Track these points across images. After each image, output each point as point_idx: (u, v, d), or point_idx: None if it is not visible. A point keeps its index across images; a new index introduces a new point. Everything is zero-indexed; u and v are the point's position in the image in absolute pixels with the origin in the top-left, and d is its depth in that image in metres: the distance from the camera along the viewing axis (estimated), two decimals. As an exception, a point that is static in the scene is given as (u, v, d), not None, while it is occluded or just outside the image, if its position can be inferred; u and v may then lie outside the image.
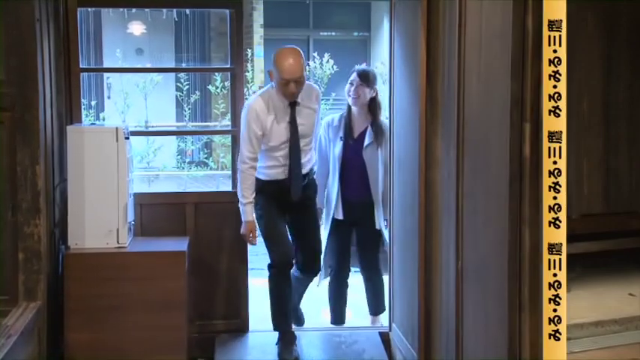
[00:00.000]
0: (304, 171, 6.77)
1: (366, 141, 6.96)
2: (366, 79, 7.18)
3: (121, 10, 12.46)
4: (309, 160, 6.88)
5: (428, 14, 5.95)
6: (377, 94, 7.38)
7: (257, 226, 6.75)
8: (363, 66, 9.42)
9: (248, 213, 6.50)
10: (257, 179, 6.73)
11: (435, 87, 5.94)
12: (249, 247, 7.78)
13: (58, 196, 6.50)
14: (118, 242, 6.44)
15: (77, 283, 6.31)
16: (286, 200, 6.77)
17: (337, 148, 6.96)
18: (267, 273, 7.18)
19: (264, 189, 6.73)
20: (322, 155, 7.51)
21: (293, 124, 6.58)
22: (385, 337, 7.57)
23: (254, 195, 6.59)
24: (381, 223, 7.41)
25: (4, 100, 5.69)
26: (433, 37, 5.90)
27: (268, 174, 6.74)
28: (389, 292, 7.94)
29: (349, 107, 7.49)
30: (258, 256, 9.25)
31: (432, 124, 6.01)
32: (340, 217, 7.52)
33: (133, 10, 14.45)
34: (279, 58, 6.46)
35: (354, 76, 7.69)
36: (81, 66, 7.09)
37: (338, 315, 8.14)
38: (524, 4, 4.16)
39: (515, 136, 4.22)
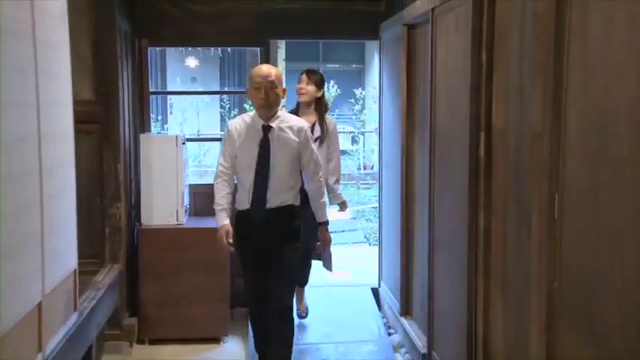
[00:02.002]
0: (273, 204, 4.94)
1: (314, 134, 5.78)
2: (313, 79, 6.07)
3: (180, 48, 12.35)
4: (284, 198, 4.99)
5: (407, 50, 5.98)
6: (323, 95, 6.33)
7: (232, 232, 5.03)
8: (313, 68, 7.45)
9: (221, 218, 5.02)
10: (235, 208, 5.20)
11: (413, 105, 6.01)
12: None
13: (133, 187, 6.60)
14: (177, 220, 6.50)
15: (147, 251, 6.41)
16: (261, 233, 4.99)
17: None
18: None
19: (238, 223, 5.11)
20: None
21: (263, 147, 4.87)
22: (375, 292, 7.56)
23: (228, 203, 5.08)
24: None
25: (94, 116, 5.75)
26: (411, 67, 5.94)
27: (238, 201, 5.11)
28: (378, 258, 7.63)
29: (297, 104, 6.40)
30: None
31: (410, 134, 6.07)
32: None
33: (189, 48, 14.45)
34: (253, 70, 5.01)
35: (302, 74, 6.49)
36: (150, 90, 7.12)
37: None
38: (479, 43, 4.19)
39: (473, 142, 4.26)
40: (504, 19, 4.01)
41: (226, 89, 20.21)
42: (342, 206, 6.72)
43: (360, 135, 19.86)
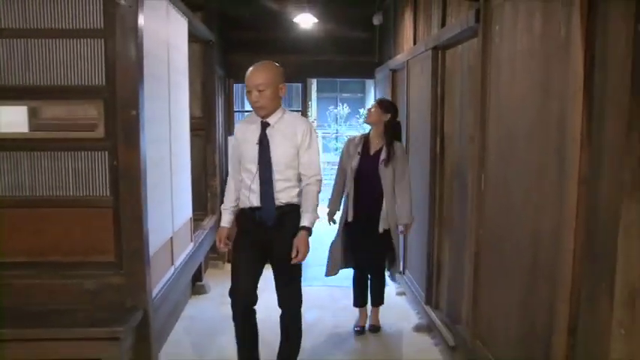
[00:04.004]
0: (282, 200, 3.26)
1: (382, 156, 4.23)
2: (381, 103, 4.39)
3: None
4: (287, 194, 3.28)
5: (392, 85, 5.99)
6: (393, 120, 4.33)
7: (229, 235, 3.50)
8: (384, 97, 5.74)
9: (223, 220, 3.48)
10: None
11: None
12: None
13: (224, 170, 6.55)
14: None
15: None
16: (261, 233, 3.30)
17: (354, 162, 4.26)
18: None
19: (240, 218, 3.43)
20: (341, 168, 4.42)
21: (262, 144, 3.23)
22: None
23: (233, 205, 3.46)
24: (383, 227, 4.18)
25: (201, 126, 5.75)
26: (394, 96, 5.87)
27: (241, 200, 3.39)
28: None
29: (370, 129, 4.45)
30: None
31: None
32: (350, 219, 4.28)
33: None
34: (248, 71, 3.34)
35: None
36: (235, 109, 7.19)
37: (359, 297, 4.50)
38: (435, 82, 4.25)
39: (432, 143, 4.32)
40: (450, 67, 4.07)
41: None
42: (405, 228, 4.32)
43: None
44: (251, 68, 3.24)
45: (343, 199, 4.41)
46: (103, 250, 3.17)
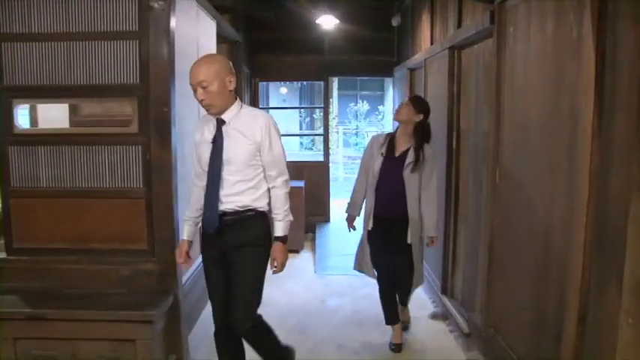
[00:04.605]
0: (226, 206, 2.69)
1: (408, 160, 3.60)
2: (415, 101, 3.72)
3: (277, 82, 12.53)
4: (249, 197, 2.71)
5: (410, 81, 5.98)
6: (424, 120, 3.67)
7: (189, 248, 2.87)
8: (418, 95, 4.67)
9: (182, 231, 2.91)
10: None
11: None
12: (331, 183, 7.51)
13: None
14: None
15: None
16: (218, 242, 2.74)
17: (377, 164, 3.65)
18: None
19: (202, 228, 2.83)
20: (363, 169, 3.77)
21: (215, 144, 2.69)
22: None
23: (195, 215, 2.85)
24: (410, 239, 3.62)
25: None
26: (412, 92, 5.83)
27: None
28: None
29: (397, 128, 3.81)
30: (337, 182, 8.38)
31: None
32: (370, 227, 3.71)
33: (282, 82, 14.55)
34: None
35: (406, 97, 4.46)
36: (260, 106, 7.22)
37: (389, 315, 3.82)
38: (452, 80, 4.23)
39: (449, 138, 4.30)
40: (466, 66, 4.05)
41: (303, 105, 20.20)
42: (430, 242, 3.71)
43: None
44: (193, 64, 2.69)
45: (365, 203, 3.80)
46: (137, 238, 3.23)
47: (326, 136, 7.56)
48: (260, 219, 2.77)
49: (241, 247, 2.72)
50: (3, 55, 3.15)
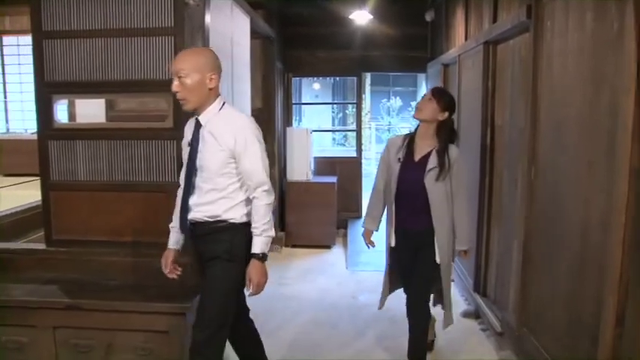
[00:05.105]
0: (194, 215, 2.53)
1: (429, 165, 3.05)
2: (439, 96, 3.11)
3: (310, 78, 12.52)
4: (221, 207, 2.48)
5: (444, 77, 5.92)
6: (450, 120, 3.13)
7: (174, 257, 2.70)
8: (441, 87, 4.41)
9: (168, 240, 2.70)
10: None
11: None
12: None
13: (283, 158, 6.64)
14: (307, 177, 6.50)
15: (291, 194, 6.45)
16: (197, 251, 2.66)
17: (394, 172, 3.13)
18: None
19: None
20: (380, 177, 3.29)
21: (192, 147, 2.52)
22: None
23: (178, 221, 2.63)
24: (439, 257, 3.10)
25: (262, 117, 5.78)
26: (446, 88, 5.82)
27: None
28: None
29: (417, 126, 3.21)
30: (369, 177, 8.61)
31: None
32: (392, 244, 3.26)
33: (315, 78, 14.56)
34: None
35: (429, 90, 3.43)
36: (293, 102, 7.23)
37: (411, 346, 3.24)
38: (486, 75, 4.17)
39: (483, 134, 4.24)
40: (501, 61, 3.99)
41: (335, 100, 20.16)
42: (463, 254, 3.23)
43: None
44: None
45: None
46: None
47: (359, 131, 7.54)
48: (232, 231, 2.51)
49: (212, 259, 2.52)
50: (44, 52, 3.22)
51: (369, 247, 3.41)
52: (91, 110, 3.31)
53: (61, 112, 3.41)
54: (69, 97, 3.43)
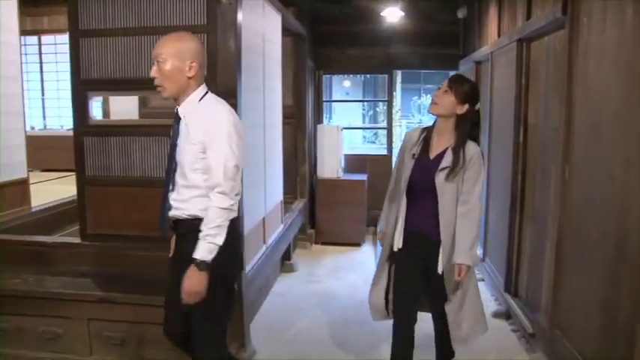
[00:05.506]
0: (175, 213, 2.31)
1: (443, 164, 2.65)
2: (456, 85, 2.67)
3: (340, 75, 12.50)
4: (195, 205, 2.25)
5: (475, 77, 5.84)
6: (471, 112, 2.66)
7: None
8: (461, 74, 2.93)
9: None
10: None
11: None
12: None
13: (313, 155, 6.62)
14: (337, 175, 6.45)
15: (321, 191, 6.42)
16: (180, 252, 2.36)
17: (407, 169, 2.76)
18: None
19: None
20: (397, 175, 2.91)
21: (172, 139, 2.34)
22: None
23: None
24: (441, 267, 2.67)
25: (292, 114, 5.85)
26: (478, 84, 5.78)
27: None
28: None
29: (435, 119, 2.78)
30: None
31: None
32: (398, 246, 2.80)
33: (345, 75, 14.51)
34: None
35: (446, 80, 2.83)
36: (324, 99, 7.21)
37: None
38: (520, 73, 4.10)
39: (516, 133, 4.17)
40: (535, 58, 3.92)
41: (366, 98, 20.07)
42: (460, 270, 2.61)
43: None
44: None
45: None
46: (203, 227, 3.29)
47: (389, 129, 7.49)
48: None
49: (188, 261, 2.18)
50: (80, 51, 3.28)
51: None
52: (125, 107, 3.36)
53: (95, 109, 3.47)
54: (104, 94, 3.50)
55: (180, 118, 2.32)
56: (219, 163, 2.20)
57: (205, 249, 2.17)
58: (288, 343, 3.76)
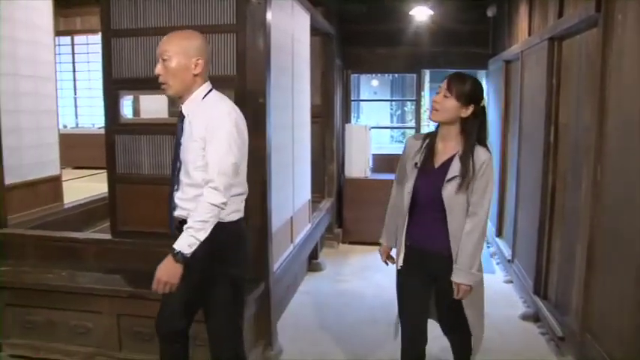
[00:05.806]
0: (180, 212, 2.35)
1: (450, 174, 2.34)
2: (456, 85, 2.35)
3: (368, 75, 12.38)
4: (191, 205, 2.24)
5: (505, 76, 5.79)
6: (477, 114, 2.38)
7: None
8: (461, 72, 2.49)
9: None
10: None
11: (508, 110, 5.75)
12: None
13: (341, 154, 6.62)
14: (365, 174, 6.45)
15: (349, 191, 6.43)
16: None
17: (410, 181, 2.44)
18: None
19: None
20: (399, 183, 2.62)
21: (177, 137, 2.35)
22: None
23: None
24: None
25: (321, 113, 5.85)
26: (507, 87, 5.71)
27: None
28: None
29: (437, 125, 2.45)
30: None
31: (506, 128, 5.85)
32: (400, 264, 2.53)
33: (373, 74, 14.43)
34: None
35: (444, 80, 2.43)
36: (352, 99, 7.21)
37: None
38: (551, 72, 4.04)
39: (547, 133, 4.11)
40: (567, 57, 3.85)
41: (394, 97, 19.97)
42: (458, 288, 2.40)
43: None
44: None
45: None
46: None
47: (417, 129, 7.45)
48: (216, 231, 2.20)
49: (190, 259, 2.19)
50: (112, 50, 3.33)
51: (387, 264, 2.88)
52: (155, 106, 3.40)
53: (126, 107, 3.52)
54: (134, 93, 3.54)
55: (184, 117, 2.32)
56: (214, 159, 2.18)
57: (185, 242, 2.15)
58: (315, 342, 3.76)
